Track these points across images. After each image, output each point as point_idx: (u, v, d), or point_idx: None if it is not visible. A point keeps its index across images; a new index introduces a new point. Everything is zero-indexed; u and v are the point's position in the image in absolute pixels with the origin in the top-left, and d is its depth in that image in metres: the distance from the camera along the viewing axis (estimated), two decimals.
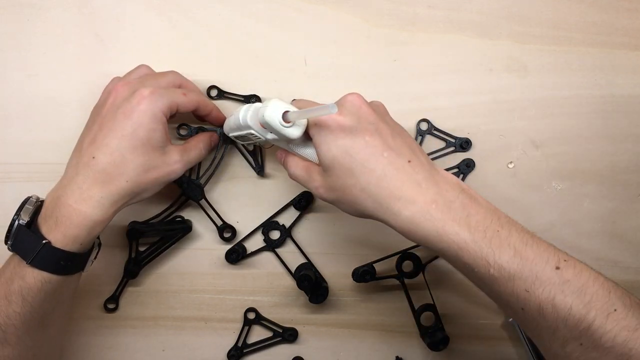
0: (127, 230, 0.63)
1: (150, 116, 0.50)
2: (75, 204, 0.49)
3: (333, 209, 0.65)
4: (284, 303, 0.66)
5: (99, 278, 0.64)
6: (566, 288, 0.42)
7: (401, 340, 0.66)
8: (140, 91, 0.51)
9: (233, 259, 0.64)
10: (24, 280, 0.49)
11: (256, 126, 0.51)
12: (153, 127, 0.51)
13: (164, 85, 0.55)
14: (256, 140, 0.54)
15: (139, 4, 0.63)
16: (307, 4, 0.64)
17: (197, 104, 0.56)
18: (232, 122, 0.56)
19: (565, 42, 0.65)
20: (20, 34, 0.63)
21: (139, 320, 0.65)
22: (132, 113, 0.50)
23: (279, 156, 0.56)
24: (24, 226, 0.49)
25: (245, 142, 0.59)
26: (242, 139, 0.57)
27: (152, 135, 0.51)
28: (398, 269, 0.62)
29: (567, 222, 0.66)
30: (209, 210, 0.64)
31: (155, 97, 0.51)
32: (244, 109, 0.53)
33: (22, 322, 0.49)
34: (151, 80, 0.55)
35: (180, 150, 0.55)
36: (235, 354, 0.65)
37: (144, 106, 0.50)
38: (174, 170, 0.54)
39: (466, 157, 0.65)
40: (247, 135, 0.54)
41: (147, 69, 0.58)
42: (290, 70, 0.64)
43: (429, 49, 0.65)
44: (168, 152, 0.54)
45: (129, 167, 0.50)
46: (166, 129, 0.53)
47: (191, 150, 0.57)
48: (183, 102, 0.54)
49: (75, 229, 0.49)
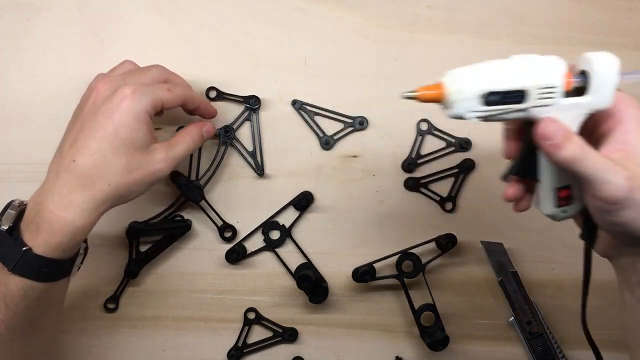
0: (127, 230, 0.63)
1: (133, 116, 0.48)
2: (56, 209, 0.47)
3: (333, 209, 0.65)
4: (284, 303, 0.66)
5: (99, 278, 0.64)
6: None
7: (401, 340, 0.66)
8: (121, 90, 0.49)
9: (233, 259, 0.64)
10: (6, 287, 0.47)
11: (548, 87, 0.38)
12: (136, 127, 0.49)
13: (148, 81, 0.53)
14: (514, 114, 0.40)
15: (139, 4, 0.63)
16: (307, 4, 0.64)
17: (184, 99, 0.54)
18: (496, 82, 0.39)
19: (565, 42, 0.65)
20: (20, 34, 0.63)
21: (139, 320, 0.65)
22: (114, 113, 0.48)
23: (552, 129, 0.39)
24: (4, 232, 0.47)
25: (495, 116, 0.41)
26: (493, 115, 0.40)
27: (134, 135, 0.49)
28: (398, 269, 0.62)
29: (567, 222, 0.66)
30: (209, 210, 0.64)
31: (138, 95, 0.49)
32: (516, 66, 0.40)
33: (7, 329, 0.47)
34: (134, 76, 0.53)
35: (165, 147, 0.52)
36: (235, 354, 0.65)
37: (125, 105, 0.48)
38: (160, 169, 0.51)
39: (466, 157, 0.65)
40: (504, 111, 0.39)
41: (131, 64, 0.56)
42: (290, 70, 0.64)
43: (429, 49, 0.65)
44: (152, 151, 0.51)
45: (111, 169, 0.48)
46: (150, 127, 0.51)
47: (177, 145, 0.54)
48: (168, 98, 0.52)
49: (57, 235, 0.47)
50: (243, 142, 0.64)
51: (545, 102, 0.40)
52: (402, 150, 0.65)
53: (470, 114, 0.40)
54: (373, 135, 0.65)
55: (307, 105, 0.64)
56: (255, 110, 0.64)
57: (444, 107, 0.41)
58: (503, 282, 0.64)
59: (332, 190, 0.65)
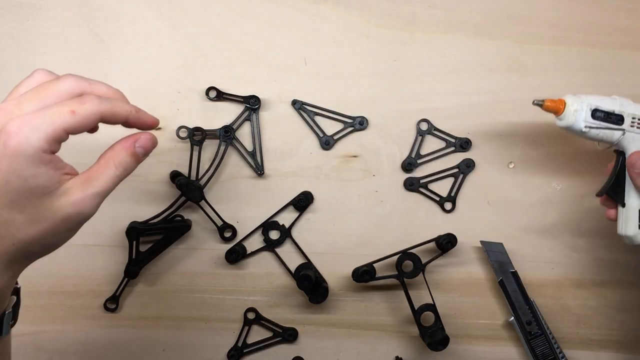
0: (127, 230, 0.63)
1: (24, 160, 0.38)
2: None
3: (333, 209, 0.65)
4: (284, 303, 0.66)
5: (99, 278, 0.64)
6: None
7: (401, 340, 0.66)
8: (7, 127, 0.38)
9: (233, 259, 0.64)
10: None
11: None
12: (30, 172, 0.39)
13: (52, 100, 0.41)
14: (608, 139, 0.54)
15: (139, 4, 0.63)
16: (307, 4, 0.64)
17: (97, 116, 0.41)
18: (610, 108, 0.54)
19: (565, 42, 0.65)
20: (20, 34, 0.63)
21: (139, 320, 0.65)
22: (1, 161, 0.38)
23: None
24: None
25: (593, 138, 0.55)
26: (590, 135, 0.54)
27: (30, 182, 0.39)
28: (398, 269, 0.62)
29: (567, 222, 0.66)
30: (209, 210, 0.64)
31: (27, 132, 0.38)
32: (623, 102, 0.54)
33: None
34: (35, 97, 0.41)
35: (80, 184, 0.41)
36: (235, 354, 0.65)
37: (12, 149, 0.38)
38: (78, 212, 0.41)
39: (466, 157, 0.65)
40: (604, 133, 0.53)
41: (42, 75, 0.44)
42: (290, 70, 0.64)
43: (429, 49, 0.65)
44: (63, 194, 0.40)
45: (12, 227, 0.39)
46: (55, 165, 0.40)
47: (99, 175, 0.42)
48: (71, 123, 0.40)
49: None
50: (243, 142, 0.64)
51: (637, 130, 0.54)
52: (402, 150, 0.65)
53: (580, 123, 0.53)
54: (373, 135, 0.65)
55: (307, 105, 0.64)
56: (255, 110, 0.64)
57: (560, 117, 0.54)
58: (503, 282, 0.64)
59: (332, 190, 0.65)
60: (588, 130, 0.53)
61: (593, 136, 0.54)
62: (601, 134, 0.54)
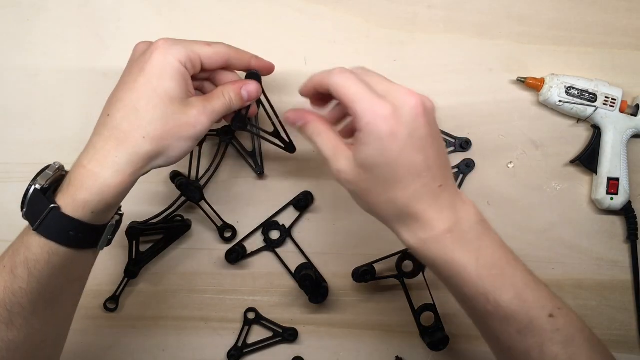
0: (127, 230, 0.63)
1: (164, 65, 0.47)
2: (88, 164, 0.45)
3: (333, 209, 0.65)
4: (284, 303, 0.66)
5: (99, 278, 0.64)
6: (555, 336, 0.44)
7: (401, 340, 0.66)
8: (155, 42, 0.48)
9: (233, 259, 0.64)
10: (29, 250, 0.44)
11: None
12: (168, 76, 0.47)
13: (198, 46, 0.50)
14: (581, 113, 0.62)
15: (139, 4, 0.63)
16: (307, 4, 0.64)
17: (226, 56, 0.51)
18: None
19: (565, 42, 0.65)
20: (20, 34, 0.63)
21: (139, 320, 0.65)
22: (146, 64, 0.47)
23: (297, 116, 0.51)
24: (37, 190, 0.45)
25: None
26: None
27: (167, 85, 0.47)
28: (398, 269, 0.62)
29: (567, 222, 0.66)
30: (209, 210, 0.64)
31: (169, 45, 0.47)
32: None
33: (29, 301, 0.45)
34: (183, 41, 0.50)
35: (202, 100, 0.50)
36: (235, 354, 0.65)
37: (157, 55, 0.47)
38: (198, 122, 0.48)
39: (466, 157, 0.65)
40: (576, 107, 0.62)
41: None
42: (290, 70, 0.64)
43: (429, 49, 0.65)
44: (189, 104, 0.48)
45: (145, 121, 0.46)
46: (186, 80, 0.48)
47: (214, 98, 0.50)
48: (206, 52, 0.49)
49: (85, 192, 0.44)
50: (243, 142, 0.64)
51: (608, 108, 0.62)
52: None
53: (555, 97, 0.62)
54: None
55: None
56: None
57: (540, 93, 0.63)
58: None
59: (332, 190, 0.65)
60: (562, 104, 0.62)
61: (567, 110, 0.63)
62: (575, 108, 0.62)
